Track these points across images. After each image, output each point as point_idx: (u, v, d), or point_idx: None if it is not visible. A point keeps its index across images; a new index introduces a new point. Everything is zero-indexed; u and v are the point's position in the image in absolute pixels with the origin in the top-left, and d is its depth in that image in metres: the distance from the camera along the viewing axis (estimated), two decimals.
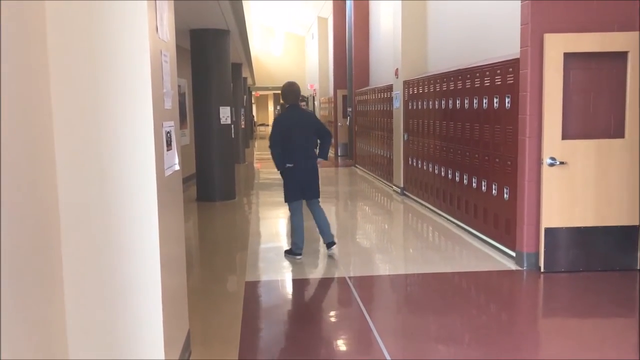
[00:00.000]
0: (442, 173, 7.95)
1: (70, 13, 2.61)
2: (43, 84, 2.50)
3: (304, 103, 9.88)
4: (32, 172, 2.31)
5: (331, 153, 19.48)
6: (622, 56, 5.16)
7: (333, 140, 17.68)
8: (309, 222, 7.93)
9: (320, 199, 6.10)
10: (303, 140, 5.89)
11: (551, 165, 5.18)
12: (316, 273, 5.66)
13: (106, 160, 2.72)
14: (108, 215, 2.74)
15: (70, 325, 2.69)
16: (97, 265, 2.74)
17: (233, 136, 9.89)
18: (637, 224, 5.27)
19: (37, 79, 2.44)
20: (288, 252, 6.07)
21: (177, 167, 3.39)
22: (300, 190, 5.95)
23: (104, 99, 2.69)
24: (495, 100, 6.12)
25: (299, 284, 5.39)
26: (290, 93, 5.98)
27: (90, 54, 2.66)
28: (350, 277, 5.41)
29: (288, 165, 5.82)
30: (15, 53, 2.15)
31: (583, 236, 5.28)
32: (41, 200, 2.41)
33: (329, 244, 6.05)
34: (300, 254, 5.95)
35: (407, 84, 9.86)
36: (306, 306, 4.78)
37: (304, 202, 6.07)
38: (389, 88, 11.14)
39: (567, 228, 5.27)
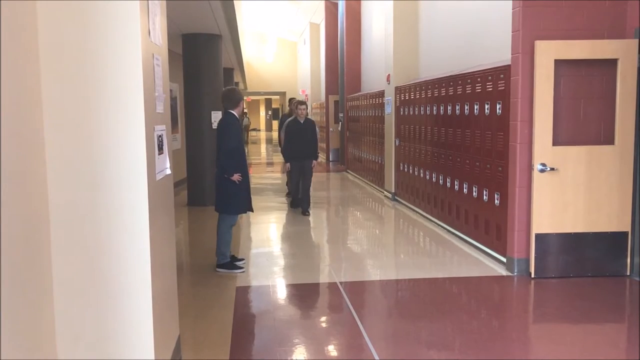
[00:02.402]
0: (434, 179, 7.97)
1: (61, 15, 2.59)
2: (34, 86, 2.48)
3: (303, 106, 8.90)
4: (22, 174, 2.29)
5: (322, 158, 19.48)
6: (612, 63, 5.21)
7: (323, 146, 17.48)
8: (296, 228, 7.90)
9: (222, 216, 5.84)
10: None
11: (542, 171, 5.21)
12: (307, 278, 5.64)
13: (97, 164, 2.70)
14: (99, 218, 2.72)
15: (59, 329, 2.66)
16: (87, 269, 2.72)
17: None
18: (627, 230, 5.31)
19: (28, 81, 2.42)
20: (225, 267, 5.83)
21: (168, 171, 3.37)
22: None
23: (96, 102, 2.68)
24: (486, 106, 6.15)
25: (290, 290, 5.37)
26: (224, 99, 5.82)
27: (82, 57, 2.65)
28: (341, 283, 5.40)
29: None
30: (6, 55, 2.13)
31: (573, 242, 5.31)
32: (31, 204, 2.39)
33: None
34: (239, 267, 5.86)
35: (398, 89, 9.89)
36: (297, 312, 4.76)
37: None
38: (381, 94, 11.17)
39: (557, 234, 5.29)
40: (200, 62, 9.76)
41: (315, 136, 8.82)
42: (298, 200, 9.14)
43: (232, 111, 5.72)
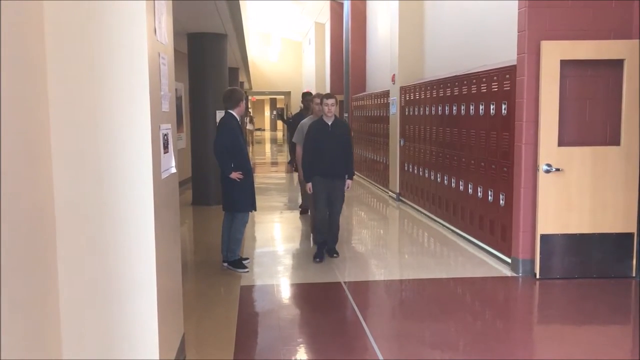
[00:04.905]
0: (438, 179, 7.96)
1: (68, 14, 2.60)
2: (40, 85, 2.49)
3: (331, 100, 5.91)
4: (28, 173, 2.30)
5: None
6: (618, 64, 5.19)
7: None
8: (301, 228, 7.88)
9: (230, 214, 5.87)
10: None
11: (547, 171, 5.20)
12: (311, 278, 5.64)
13: (103, 162, 2.71)
14: (104, 216, 2.73)
15: (65, 328, 2.67)
16: (93, 267, 2.73)
17: None
18: (632, 231, 5.29)
19: (35, 80, 2.43)
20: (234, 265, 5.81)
21: (173, 170, 3.38)
22: None
23: (102, 101, 2.69)
24: (491, 106, 6.13)
25: (294, 289, 5.37)
26: (224, 99, 5.82)
27: (88, 56, 2.66)
28: (345, 282, 5.40)
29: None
30: (13, 54, 2.14)
31: (578, 243, 5.29)
32: (37, 202, 2.40)
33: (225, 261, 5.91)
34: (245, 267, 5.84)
35: (403, 89, 9.88)
36: (301, 311, 4.76)
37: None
38: (386, 94, 11.15)
39: (562, 235, 5.28)
40: (206, 62, 9.77)
41: (349, 145, 6.20)
42: (324, 244, 6.23)
43: (232, 111, 5.74)
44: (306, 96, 8.49)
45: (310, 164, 6.05)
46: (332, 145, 5.96)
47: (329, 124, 6.00)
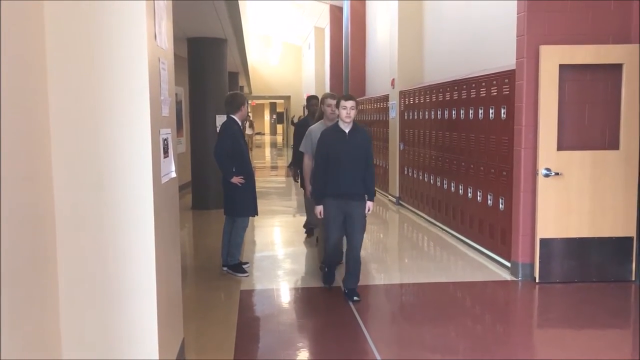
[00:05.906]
0: (438, 183, 7.96)
1: (68, 19, 2.61)
2: (41, 89, 2.50)
3: (351, 103, 4.72)
4: (28, 177, 2.31)
5: None
6: (617, 68, 5.20)
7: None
8: (301, 232, 7.87)
9: (231, 218, 5.86)
10: None
11: (546, 176, 5.20)
12: (311, 282, 5.64)
13: (103, 167, 2.71)
14: (104, 221, 2.73)
15: (64, 329, 2.67)
16: (93, 271, 2.73)
17: None
18: (632, 235, 5.29)
19: (35, 84, 2.43)
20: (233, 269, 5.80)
21: (173, 175, 3.38)
22: None
23: (102, 105, 2.69)
24: (490, 110, 6.15)
25: (294, 293, 5.37)
26: (225, 104, 5.83)
27: (89, 60, 2.66)
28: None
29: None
30: (13, 53, 2.15)
31: (578, 247, 5.29)
32: (37, 206, 2.41)
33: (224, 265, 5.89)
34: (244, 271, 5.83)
35: (403, 94, 9.90)
36: (301, 315, 4.76)
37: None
38: (385, 98, 11.17)
39: (562, 239, 5.28)
40: (205, 66, 9.79)
41: (371, 158, 4.98)
42: (334, 268, 5.42)
43: (234, 116, 5.75)
44: (311, 100, 7.41)
45: (322, 182, 4.91)
46: (350, 159, 4.79)
47: (347, 131, 4.80)
